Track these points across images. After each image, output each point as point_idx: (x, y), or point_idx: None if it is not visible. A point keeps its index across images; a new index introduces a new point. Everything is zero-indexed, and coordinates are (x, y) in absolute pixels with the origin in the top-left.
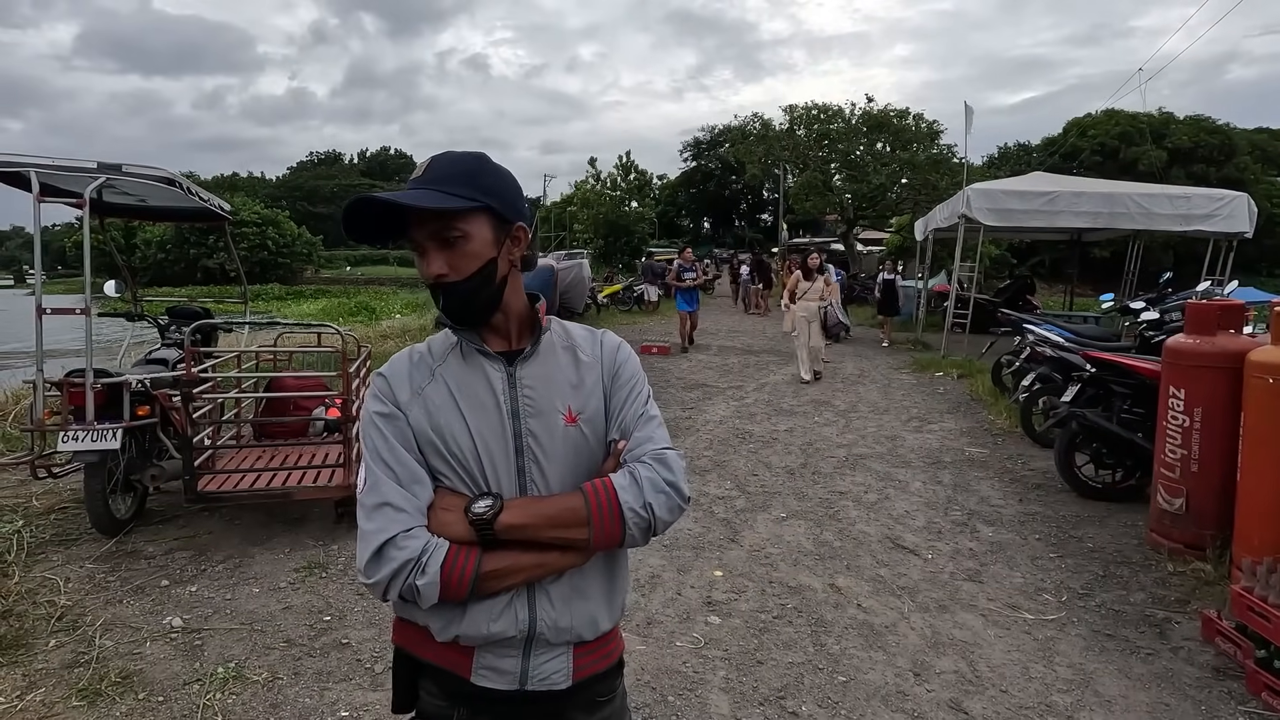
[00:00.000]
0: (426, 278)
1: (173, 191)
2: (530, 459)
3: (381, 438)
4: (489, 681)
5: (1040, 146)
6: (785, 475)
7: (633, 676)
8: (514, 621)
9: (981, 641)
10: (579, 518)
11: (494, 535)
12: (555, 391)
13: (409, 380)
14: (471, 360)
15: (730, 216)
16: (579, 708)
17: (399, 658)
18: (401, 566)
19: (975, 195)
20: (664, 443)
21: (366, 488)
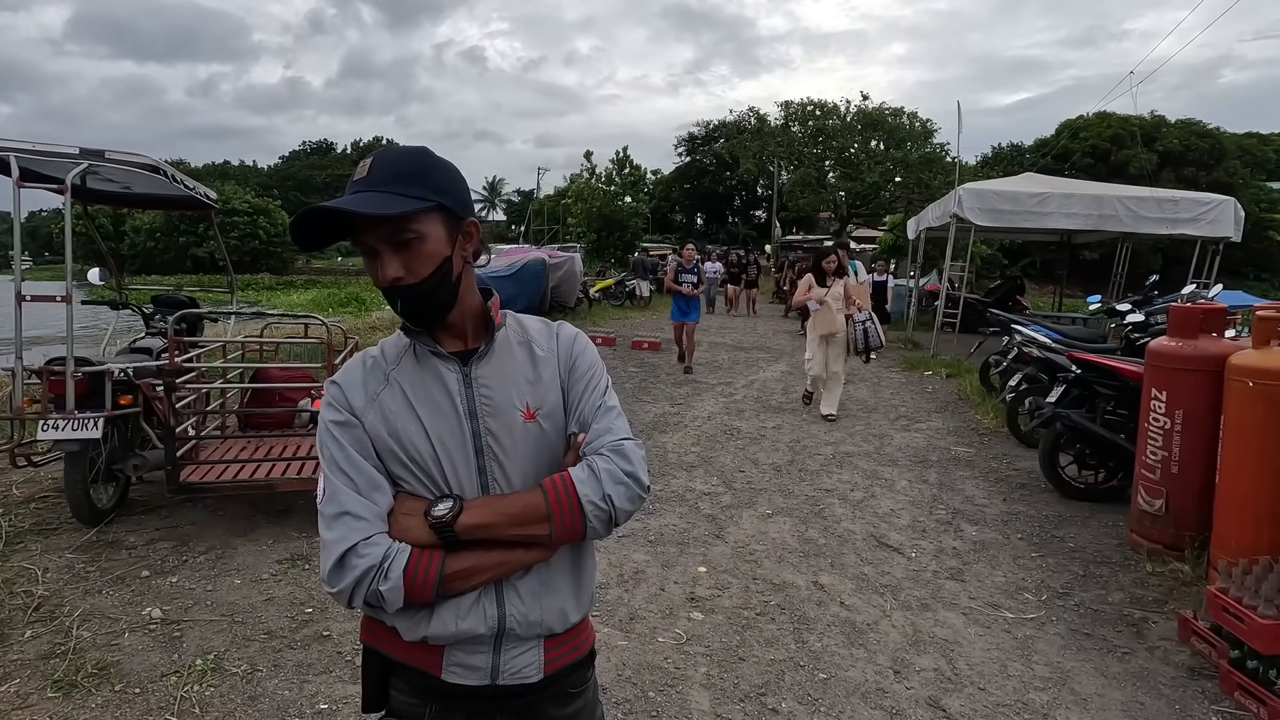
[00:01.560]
0: (382, 281)
1: (157, 179)
2: (490, 458)
3: (338, 446)
4: (460, 678)
5: (1033, 148)
6: (772, 472)
7: (614, 672)
8: (483, 619)
9: (962, 640)
10: (539, 514)
11: (455, 537)
12: (512, 388)
13: (363, 386)
14: (425, 362)
15: (724, 213)
16: (551, 700)
17: (369, 656)
18: (364, 574)
19: (967, 195)
20: (623, 433)
21: (326, 497)
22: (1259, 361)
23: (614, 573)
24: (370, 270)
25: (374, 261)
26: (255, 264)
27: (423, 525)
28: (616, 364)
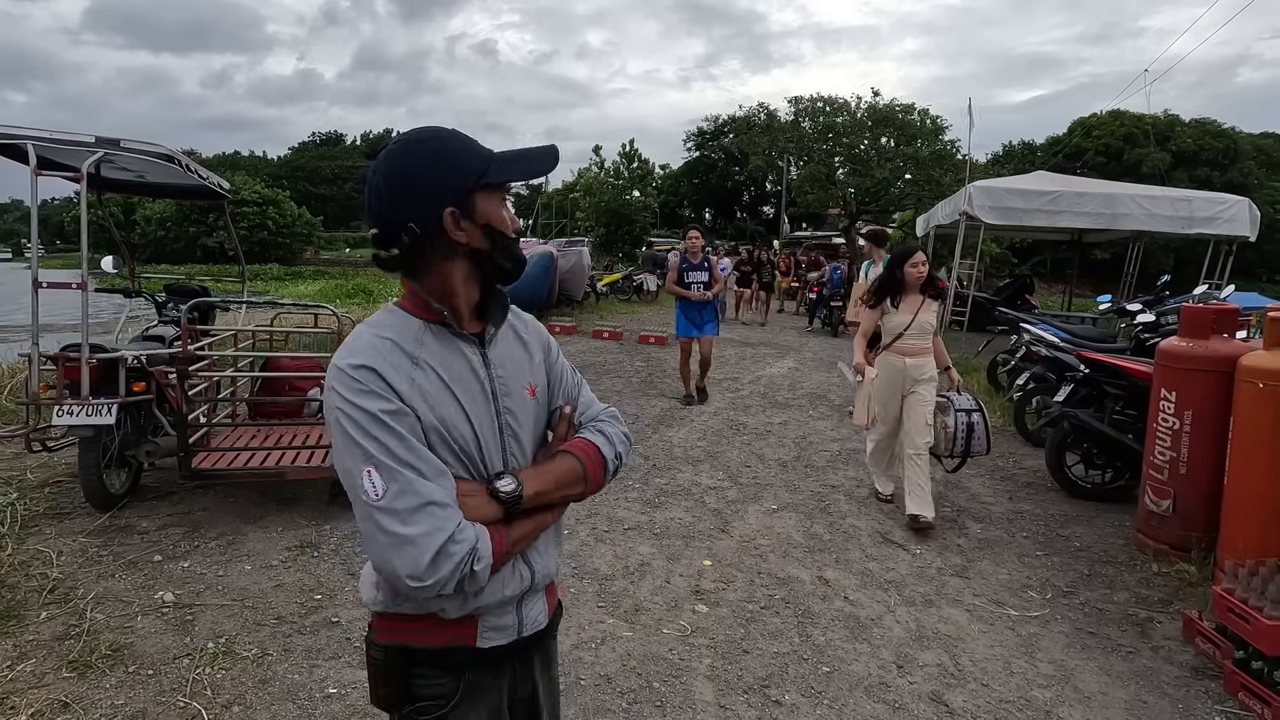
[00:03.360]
0: (514, 228)
1: (171, 168)
2: (510, 436)
3: (395, 437)
4: (493, 641)
5: (1045, 145)
6: (778, 467)
7: (619, 662)
8: (520, 580)
9: (965, 636)
10: (579, 476)
11: (519, 508)
12: (519, 369)
13: (398, 370)
14: (448, 344)
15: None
16: (549, 638)
17: (391, 655)
18: (462, 559)
19: (977, 193)
20: (601, 404)
21: (395, 491)
22: (1270, 363)
23: (620, 565)
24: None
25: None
26: (264, 254)
27: (488, 504)
28: (623, 358)
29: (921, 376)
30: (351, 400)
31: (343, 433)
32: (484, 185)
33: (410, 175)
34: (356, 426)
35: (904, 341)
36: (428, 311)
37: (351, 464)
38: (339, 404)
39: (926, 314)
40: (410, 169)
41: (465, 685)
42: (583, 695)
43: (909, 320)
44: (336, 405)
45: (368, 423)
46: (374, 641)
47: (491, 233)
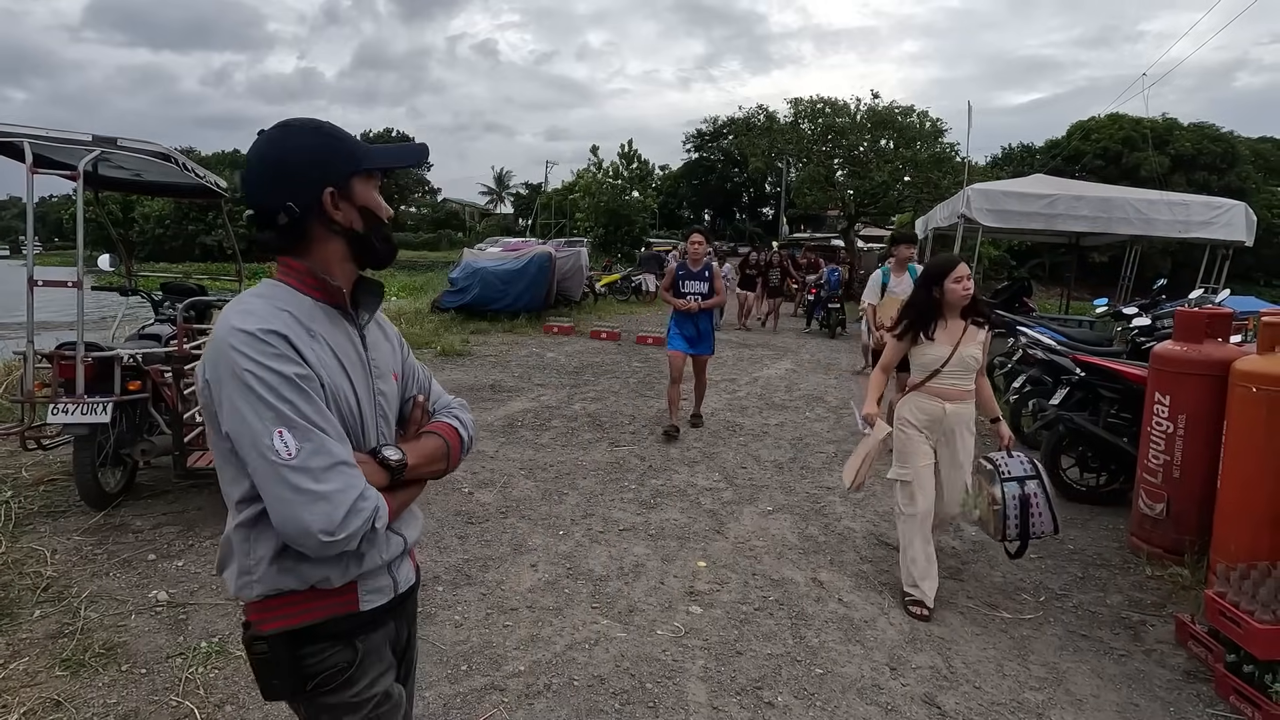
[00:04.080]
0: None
1: (168, 167)
2: (381, 415)
3: (307, 400)
4: (374, 602)
5: (1044, 148)
6: (774, 469)
7: (612, 663)
8: (394, 546)
9: (959, 638)
10: (444, 454)
11: (402, 477)
12: (387, 354)
13: (301, 341)
14: (336, 322)
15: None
16: (414, 596)
17: (277, 643)
18: (369, 516)
19: (975, 195)
20: (449, 395)
21: (309, 450)
22: (1263, 367)
23: (614, 566)
24: (380, 201)
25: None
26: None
27: (378, 471)
28: (621, 359)
29: (964, 427)
30: (264, 363)
31: (251, 396)
32: (361, 170)
33: (291, 158)
34: (269, 388)
35: (941, 381)
36: (318, 290)
37: (259, 426)
38: (249, 366)
39: (970, 345)
40: (292, 152)
41: (362, 650)
42: (575, 696)
43: (948, 353)
44: (245, 368)
45: (281, 385)
46: (257, 635)
47: (368, 215)
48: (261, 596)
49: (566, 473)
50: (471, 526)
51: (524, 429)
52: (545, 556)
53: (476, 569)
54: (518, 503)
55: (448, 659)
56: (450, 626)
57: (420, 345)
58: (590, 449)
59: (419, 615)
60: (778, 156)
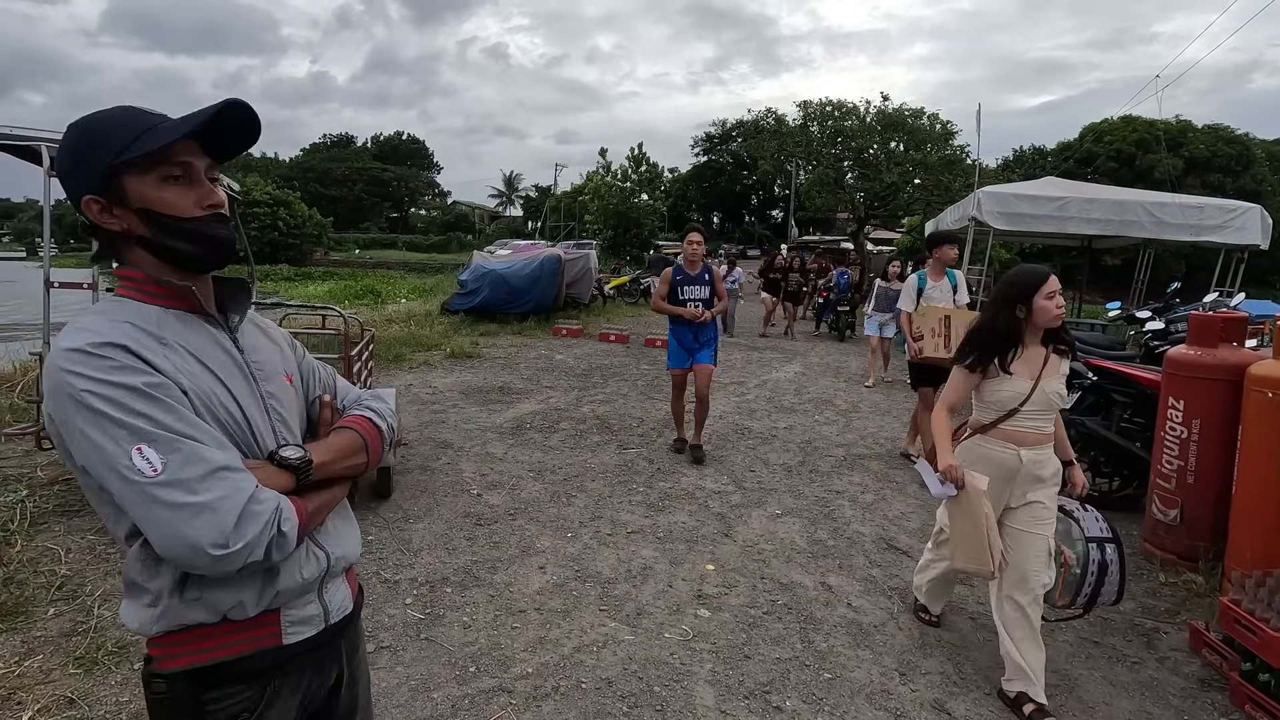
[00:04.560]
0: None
1: None
2: (277, 418)
3: (164, 409)
4: (300, 634)
5: (1056, 151)
6: (783, 472)
7: (620, 666)
8: (316, 562)
9: (969, 644)
10: (359, 447)
11: (309, 477)
12: (272, 356)
13: (149, 350)
14: (194, 327)
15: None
16: (354, 628)
17: (176, 683)
18: (269, 519)
19: (986, 198)
20: (359, 389)
21: (177, 461)
22: (1279, 371)
23: (622, 568)
24: (177, 197)
25: (193, 186)
26: (275, 255)
27: (277, 474)
28: (629, 361)
29: (1044, 477)
30: (104, 378)
31: (95, 416)
32: (127, 165)
33: (63, 165)
34: (115, 404)
35: (1018, 423)
36: (164, 297)
37: (113, 447)
38: (86, 386)
39: (1054, 378)
40: (62, 158)
41: (269, 694)
42: (583, 698)
43: (1028, 389)
44: (83, 389)
45: (129, 398)
46: (155, 673)
47: (152, 216)
48: (165, 631)
49: (575, 475)
50: (480, 528)
51: (532, 431)
52: (553, 559)
53: (485, 570)
54: (526, 505)
55: (456, 660)
56: (459, 628)
57: (430, 347)
58: (599, 451)
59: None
60: (787, 159)
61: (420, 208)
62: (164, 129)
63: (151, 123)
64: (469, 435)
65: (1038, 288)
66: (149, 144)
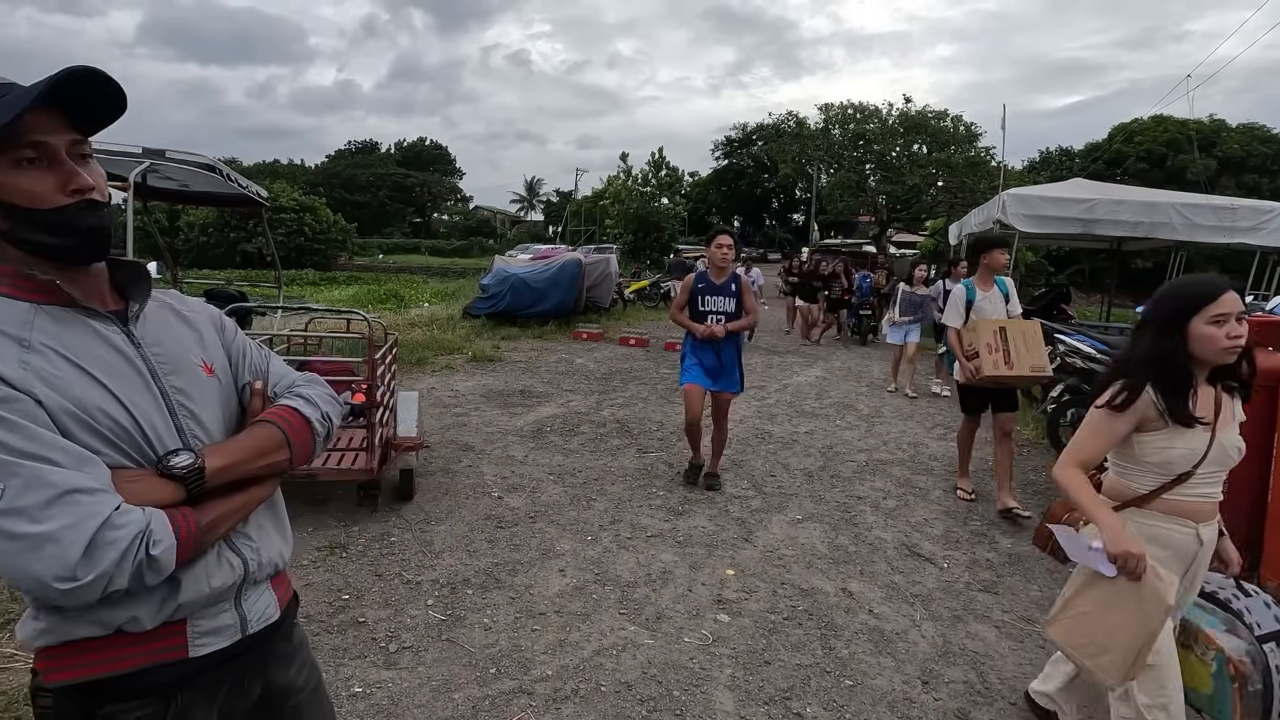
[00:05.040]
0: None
1: (212, 177)
2: (185, 415)
3: (5, 427)
4: (210, 645)
5: (1084, 152)
6: (803, 477)
7: (639, 670)
8: (230, 569)
9: (994, 653)
10: (278, 442)
11: (203, 486)
12: (183, 346)
13: (2, 355)
14: (71, 324)
15: (761, 215)
16: (283, 637)
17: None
18: (129, 546)
19: (1011, 200)
20: (298, 372)
21: (17, 488)
22: None
23: (641, 572)
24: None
25: (53, 169)
26: (301, 260)
27: (160, 485)
28: (649, 365)
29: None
30: None
31: None
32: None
33: None
34: None
35: (1192, 490)
36: (36, 292)
37: None
38: None
39: (1230, 428)
40: None
41: (176, 710)
42: (603, 701)
43: (1204, 445)
44: None
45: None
46: (41, 686)
47: (6, 210)
48: (53, 642)
49: (595, 478)
50: (501, 531)
51: (553, 434)
52: (574, 562)
53: (505, 573)
54: (546, 508)
55: (476, 661)
56: (479, 629)
57: (452, 351)
58: (618, 455)
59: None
60: (808, 162)
61: (443, 213)
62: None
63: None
64: (490, 438)
65: (1201, 306)
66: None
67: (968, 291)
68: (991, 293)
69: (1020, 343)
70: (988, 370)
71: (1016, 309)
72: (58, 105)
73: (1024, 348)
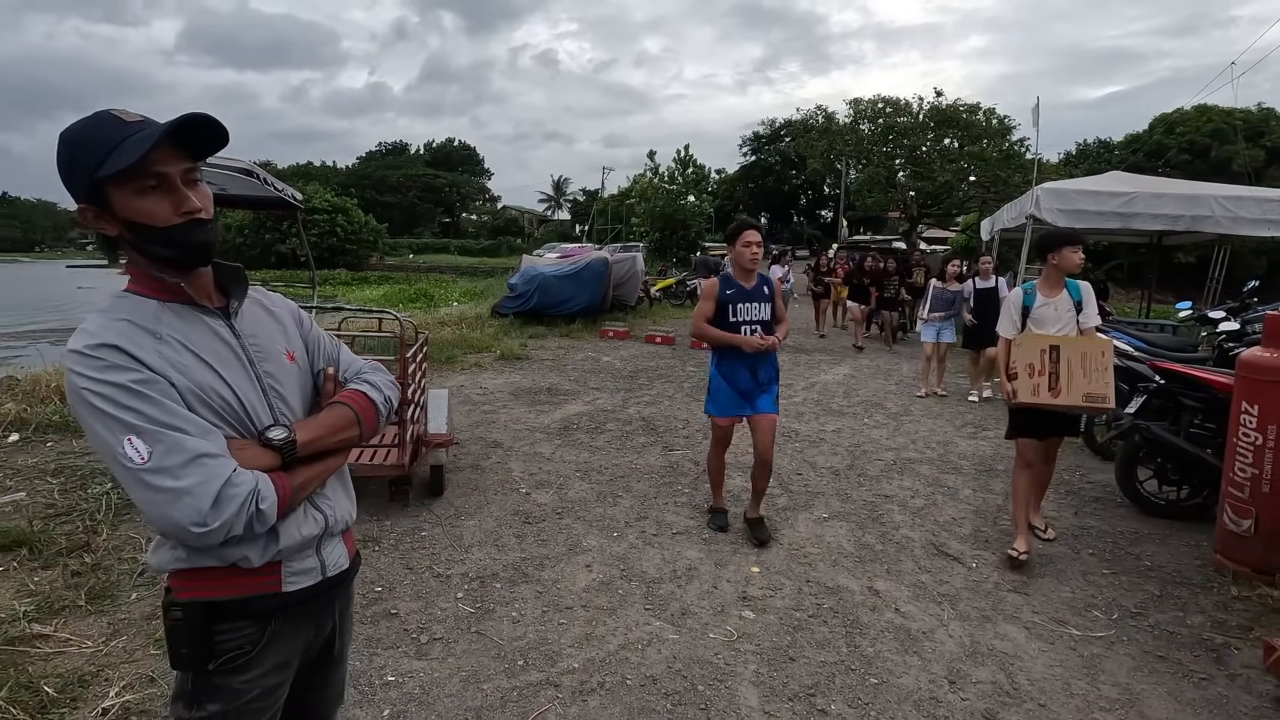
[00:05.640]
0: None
1: (250, 181)
2: (275, 396)
3: (150, 403)
4: (299, 584)
5: (1123, 144)
6: (830, 476)
7: (664, 664)
8: (315, 522)
9: (1023, 654)
10: (351, 421)
11: (295, 455)
12: (272, 338)
13: (141, 347)
14: (191, 319)
15: (789, 212)
16: (350, 582)
17: (190, 611)
18: (245, 500)
19: (1045, 195)
20: (364, 360)
21: (161, 451)
22: None
23: (667, 568)
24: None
25: (169, 194)
26: (333, 260)
27: (263, 453)
28: (675, 363)
29: None
30: (98, 377)
31: (95, 412)
32: (109, 178)
33: (60, 174)
34: (108, 401)
35: None
36: (162, 292)
37: (110, 438)
38: (85, 385)
39: None
40: (58, 168)
41: (270, 633)
42: (628, 695)
43: None
44: (83, 387)
45: (119, 395)
46: (174, 601)
47: (133, 227)
48: (184, 565)
49: (621, 476)
50: (529, 526)
51: (579, 432)
52: (600, 557)
53: (533, 567)
54: (573, 504)
55: (505, 654)
56: (508, 622)
57: (480, 349)
58: (644, 453)
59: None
60: (837, 158)
61: (471, 213)
62: (132, 144)
63: (126, 133)
64: (518, 435)
65: None
66: (123, 159)
67: (1025, 296)
68: (1058, 299)
69: (1077, 365)
70: (1024, 396)
71: (1092, 320)
72: (178, 142)
73: (1080, 371)
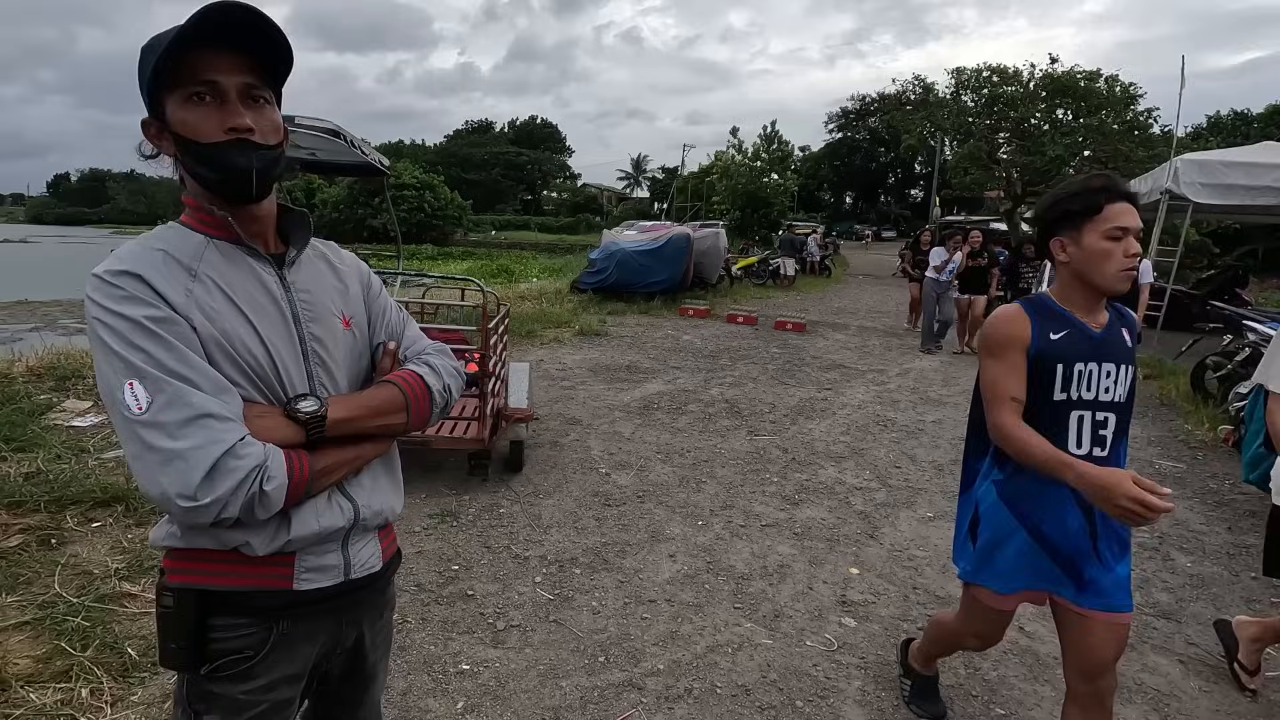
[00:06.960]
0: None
1: (337, 144)
2: (317, 363)
3: (163, 346)
4: (315, 582)
5: (1264, 115)
6: (932, 470)
7: (758, 672)
8: (340, 513)
9: (1179, 693)
10: (398, 405)
11: (323, 433)
12: (328, 297)
13: (169, 280)
14: (236, 261)
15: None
16: (384, 586)
17: (183, 599)
18: (246, 477)
19: (1186, 167)
20: (430, 341)
21: (161, 403)
22: None
23: (757, 564)
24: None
25: (220, 107)
26: (420, 235)
27: (284, 425)
28: (758, 344)
29: None
30: (111, 308)
31: (101, 346)
32: (163, 86)
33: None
34: (116, 335)
35: None
36: (211, 227)
37: (112, 379)
38: (96, 314)
39: None
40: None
41: (277, 635)
42: (719, 705)
43: None
44: (94, 315)
45: (130, 331)
46: (165, 586)
47: (181, 143)
48: (178, 544)
49: (704, 460)
50: (609, 509)
51: (660, 411)
52: (684, 547)
53: (614, 554)
54: (654, 488)
55: (584, 648)
56: (587, 613)
57: (560, 324)
58: (728, 436)
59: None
60: (934, 132)
61: (551, 190)
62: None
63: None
64: (597, 413)
65: None
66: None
67: None
68: None
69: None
70: None
71: None
72: (232, 46)
73: None
